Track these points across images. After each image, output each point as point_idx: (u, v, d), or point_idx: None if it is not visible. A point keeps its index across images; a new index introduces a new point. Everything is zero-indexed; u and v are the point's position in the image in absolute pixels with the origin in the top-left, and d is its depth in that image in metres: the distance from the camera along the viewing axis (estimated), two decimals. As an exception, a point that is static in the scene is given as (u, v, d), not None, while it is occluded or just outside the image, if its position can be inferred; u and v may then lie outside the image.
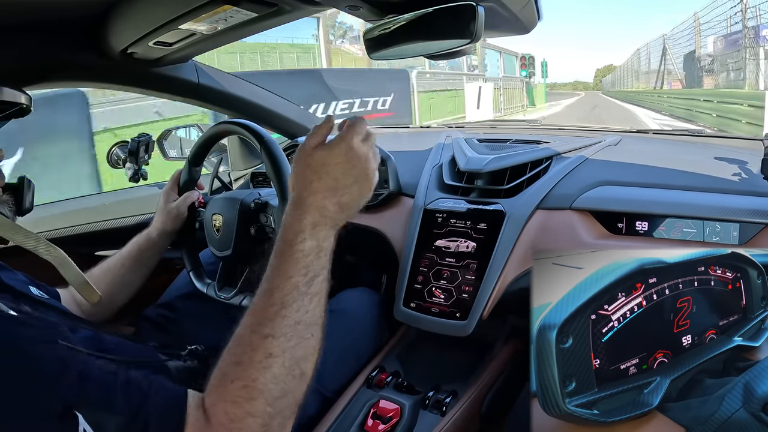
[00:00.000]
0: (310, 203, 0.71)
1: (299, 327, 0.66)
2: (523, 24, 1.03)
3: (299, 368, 0.66)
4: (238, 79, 1.57)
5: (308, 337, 0.67)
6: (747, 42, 13.09)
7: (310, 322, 0.67)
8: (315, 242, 0.69)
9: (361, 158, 0.74)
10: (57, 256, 0.82)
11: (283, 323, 0.65)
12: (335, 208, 0.72)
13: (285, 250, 0.69)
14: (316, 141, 0.75)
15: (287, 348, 0.64)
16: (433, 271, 1.21)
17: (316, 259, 0.69)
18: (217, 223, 1.17)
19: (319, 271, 0.69)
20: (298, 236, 0.69)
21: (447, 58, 1.00)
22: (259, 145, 1.05)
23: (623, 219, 1.14)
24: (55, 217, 1.73)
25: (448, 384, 1.13)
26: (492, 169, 1.28)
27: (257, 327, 0.65)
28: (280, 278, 0.67)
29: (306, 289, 0.67)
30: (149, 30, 1.01)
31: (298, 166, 0.74)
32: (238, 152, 1.80)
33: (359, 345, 1.23)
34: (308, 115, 1.82)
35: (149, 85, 1.38)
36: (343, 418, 1.07)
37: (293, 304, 0.66)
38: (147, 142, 1.50)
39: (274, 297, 0.66)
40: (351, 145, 0.73)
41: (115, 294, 1.15)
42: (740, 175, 1.16)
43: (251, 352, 0.63)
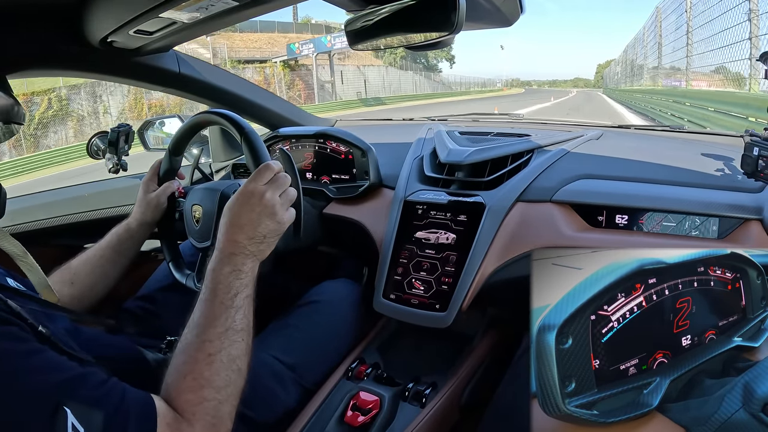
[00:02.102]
0: (225, 239, 0.87)
1: (229, 332, 0.81)
2: (505, 16, 1.03)
3: (236, 364, 0.80)
4: (219, 69, 1.56)
5: (239, 341, 0.81)
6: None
7: (239, 329, 0.82)
8: (232, 267, 0.85)
9: (259, 198, 0.88)
10: (27, 262, 0.88)
11: (216, 330, 0.80)
12: (246, 242, 0.87)
13: (211, 275, 0.85)
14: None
15: (222, 348, 0.79)
16: (413, 263, 1.21)
17: (236, 279, 0.85)
18: (197, 214, 1.16)
19: (240, 289, 0.85)
20: (218, 264, 0.85)
21: (428, 49, 1.00)
22: (240, 136, 1.04)
23: (603, 212, 1.15)
24: (34, 209, 1.71)
25: (427, 376, 1.14)
26: (473, 161, 1.28)
27: (198, 333, 0.80)
28: (209, 296, 0.83)
29: (231, 303, 0.83)
30: (130, 18, 0.99)
31: (221, 218, 0.90)
32: (220, 143, 1.78)
33: (339, 336, 1.23)
34: (290, 107, 1.81)
35: (130, 74, 1.36)
36: (323, 410, 1.08)
37: (221, 316, 0.81)
38: (127, 133, 1.48)
39: (206, 311, 0.82)
40: (250, 190, 0.89)
41: (94, 285, 1.14)
42: (720, 170, 1.17)
43: (195, 353, 0.78)
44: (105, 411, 0.64)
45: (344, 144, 1.44)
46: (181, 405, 0.73)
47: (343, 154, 1.45)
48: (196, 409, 0.74)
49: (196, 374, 0.76)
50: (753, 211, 1.02)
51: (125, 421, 0.66)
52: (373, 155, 1.38)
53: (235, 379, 0.80)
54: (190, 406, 0.73)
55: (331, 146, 1.47)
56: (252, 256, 0.88)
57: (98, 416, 0.64)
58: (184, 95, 1.52)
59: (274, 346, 1.11)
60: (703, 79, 14.59)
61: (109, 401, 0.66)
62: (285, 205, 0.92)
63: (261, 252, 0.89)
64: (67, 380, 0.64)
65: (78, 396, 0.63)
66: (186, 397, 0.74)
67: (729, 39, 11.31)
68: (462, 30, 0.86)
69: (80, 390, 0.64)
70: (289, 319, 1.22)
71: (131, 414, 0.67)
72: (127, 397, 0.68)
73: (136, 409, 0.68)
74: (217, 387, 0.76)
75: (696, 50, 15.03)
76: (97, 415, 0.63)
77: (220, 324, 0.80)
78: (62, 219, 1.69)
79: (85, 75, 1.35)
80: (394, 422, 1.04)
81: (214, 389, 0.76)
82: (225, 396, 0.77)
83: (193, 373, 0.76)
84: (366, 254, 1.36)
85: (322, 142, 1.49)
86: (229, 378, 0.78)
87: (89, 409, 0.63)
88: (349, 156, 1.44)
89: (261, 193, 0.89)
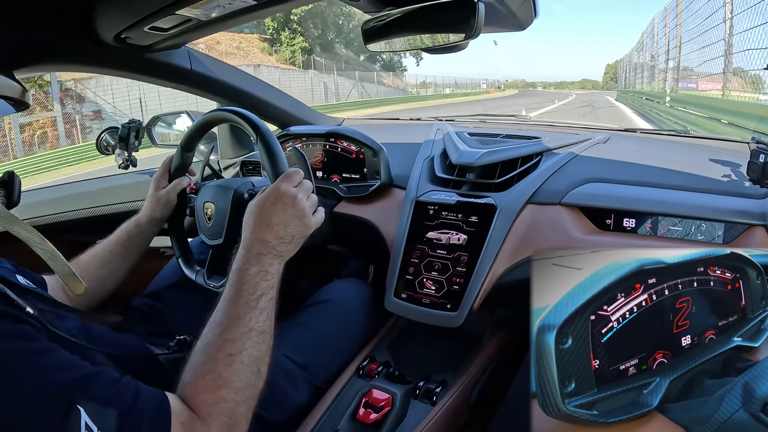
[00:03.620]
0: (252, 239, 0.88)
1: (252, 334, 0.80)
2: (519, 21, 1.04)
3: (256, 366, 0.80)
4: (230, 66, 1.56)
5: (260, 342, 0.81)
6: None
7: (261, 330, 0.82)
8: (259, 267, 0.85)
9: (292, 200, 0.90)
10: (47, 249, 0.86)
11: (238, 331, 0.79)
12: (276, 241, 0.88)
13: (237, 275, 0.85)
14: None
15: (244, 349, 0.78)
16: (425, 263, 1.23)
17: (263, 281, 0.85)
18: (209, 212, 1.16)
19: (266, 291, 0.85)
20: (244, 264, 0.85)
21: (443, 52, 1.00)
22: (256, 135, 1.04)
23: (611, 215, 1.16)
24: (41, 204, 1.71)
25: (437, 374, 1.15)
26: (484, 163, 1.29)
27: (219, 333, 0.79)
28: (234, 296, 0.83)
29: (255, 304, 0.82)
30: (145, 15, 0.99)
31: (245, 216, 0.91)
32: (228, 140, 1.78)
33: (350, 335, 1.24)
34: (300, 106, 1.81)
35: (142, 70, 1.36)
36: (335, 408, 1.09)
37: (245, 316, 0.81)
38: (137, 128, 1.48)
39: (229, 310, 0.81)
40: (281, 190, 0.91)
41: (102, 280, 1.14)
42: (726, 176, 1.18)
43: (215, 352, 0.77)
44: (119, 409, 0.64)
45: (355, 143, 1.45)
46: (197, 404, 0.73)
47: (354, 153, 1.45)
48: (213, 409, 0.73)
49: (215, 374, 0.75)
50: (758, 217, 1.03)
51: (140, 419, 0.66)
52: (384, 155, 1.39)
53: (255, 381, 0.79)
54: (206, 406, 0.73)
55: (342, 145, 1.48)
56: (279, 257, 0.89)
57: (112, 415, 0.64)
58: (196, 92, 1.52)
59: (285, 345, 1.12)
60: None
61: (123, 400, 0.66)
62: (312, 208, 0.95)
63: (287, 252, 0.90)
64: (80, 378, 0.65)
65: (91, 394, 0.64)
66: (203, 397, 0.74)
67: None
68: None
69: (93, 388, 0.65)
70: (300, 318, 1.22)
71: (145, 412, 0.67)
72: (141, 395, 0.68)
73: (151, 408, 0.68)
74: (236, 388, 0.76)
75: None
76: (110, 414, 0.64)
77: (244, 324, 0.80)
78: (70, 215, 1.69)
79: (97, 70, 1.35)
80: (405, 420, 1.06)
81: (233, 390, 0.76)
82: (243, 397, 0.77)
83: (212, 373, 0.76)
84: (374, 253, 1.37)
85: (333, 141, 1.50)
86: (248, 380, 0.78)
87: (103, 408, 0.63)
88: (360, 155, 1.44)
89: (293, 195, 0.91)
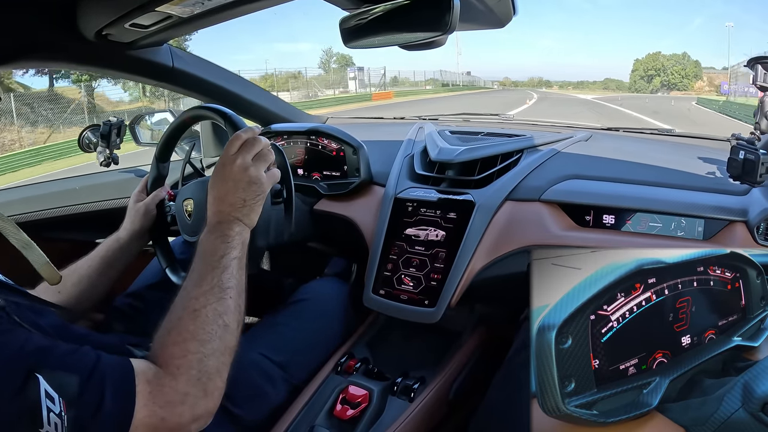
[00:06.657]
0: (210, 213, 0.92)
1: (215, 290, 0.82)
2: (498, 18, 1.04)
3: (222, 320, 0.80)
4: (213, 64, 1.55)
5: (225, 297, 0.82)
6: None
7: (225, 286, 0.83)
8: (217, 234, 0.88)
9: (233, 167, 0.92)
10: (21, 239, 0.87)
11: (201, 289, 0.81)
12: (229, 209, 0.90)
13: (200, 246, 0.88)
14: None
15: (207, 304, 0.80)
16: (403, 259, 1.23)
17: (222, 243, 0.87)
18: (188, 208, 1.16)
19: (227, 251, 0.86)
20: (205, 234, 0.89)
21: (421, 48, 1.01)
22: (222, 120, 1.04)
23: (591, 212, 1.17)
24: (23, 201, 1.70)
25: (416, 371, 1.15)
26: (463, 159, 1.30)
27: (184, 295, 0.81)
28: (196, 261, 0.86)
29: (217, 264, 0.84)
30: (126, 11, 0.99)
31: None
32: (211, 138, 1.77)
33: (327, 335, 1.24)
34: (282, 103, 1.81)
35: (123, 67, 1.35)
36: (311, 405, 1.09)
37: (207, 276, 0.83)
38: (119, 126, 1.47)
39: (192, 275, 0.84)
40: (222, 162, 0.93)
41: (80, 295, 1.11)
42: (710, 173, 1.20)
43: (180, 311, 0.79)
44: (79, 375, 0.65)
45: (336, 141, 1.45)
46: (165, 359, 0.74)
47: (335, 151, 1.45)
48: (180, 362, 0.74)
49: (181, 328, 0.77)
50: (738, 213, 1.04)
51: (101, 382, 0.66)
52: (365, 152, 1.39)
53: (222, 334, 0.79)
54: (173, 359, 0.74)
55: (323, 143, 1.48)
56: (237, 221, 0.90)
57: (72, 380, 0.64)
58: (177, 90, 1.52)
59: (263, 345, 1.11)
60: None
61: (83, 365, 0.66)
62: (260, 167, 0.94)
63: (246, 216, 0.91)
64: (37, 350, 0.65)
65: (49, 363, 0.64)
66: (170, 351, 0.74)
67: None
68: (455, 30, 0.87)
69: (51, 357, 0.65)
70: (278, 317, 1.22)
71: (107, 375, 0.67)
72: (102, 360, 0.69)
73: (112, 370, 0.68)
74: (202, 340, 0.76)
75: None
76: (71, 380, 0.64)
77: (206, 283, 0.82)
78: (50, 212, 1.68)
79: (78, 68, 1.34)
80: (383, 416, 1.06)
81: (199, 342, 0.76)
82: (210, 350, 0.76)
83: (178, 328, 0.77)
84: (355, 251, 1.37)
85: (313, 139, 1.50)
86: (214, 332, 0.78)
87: (62, 374, 0.64)
88: (340, 153, 1.44)
89: (231, 162, 0.92)
